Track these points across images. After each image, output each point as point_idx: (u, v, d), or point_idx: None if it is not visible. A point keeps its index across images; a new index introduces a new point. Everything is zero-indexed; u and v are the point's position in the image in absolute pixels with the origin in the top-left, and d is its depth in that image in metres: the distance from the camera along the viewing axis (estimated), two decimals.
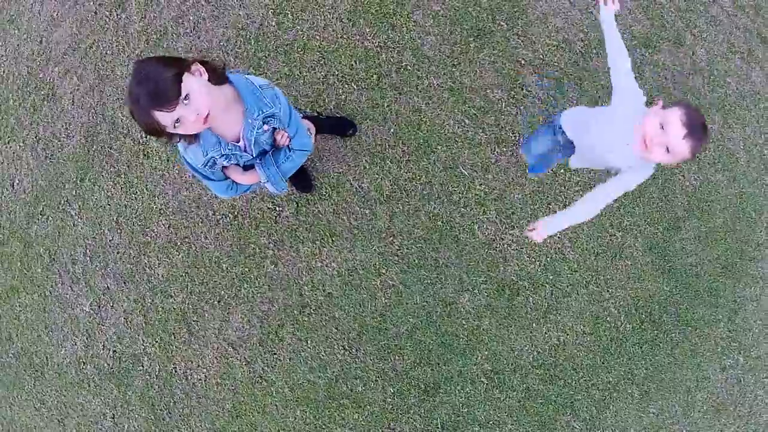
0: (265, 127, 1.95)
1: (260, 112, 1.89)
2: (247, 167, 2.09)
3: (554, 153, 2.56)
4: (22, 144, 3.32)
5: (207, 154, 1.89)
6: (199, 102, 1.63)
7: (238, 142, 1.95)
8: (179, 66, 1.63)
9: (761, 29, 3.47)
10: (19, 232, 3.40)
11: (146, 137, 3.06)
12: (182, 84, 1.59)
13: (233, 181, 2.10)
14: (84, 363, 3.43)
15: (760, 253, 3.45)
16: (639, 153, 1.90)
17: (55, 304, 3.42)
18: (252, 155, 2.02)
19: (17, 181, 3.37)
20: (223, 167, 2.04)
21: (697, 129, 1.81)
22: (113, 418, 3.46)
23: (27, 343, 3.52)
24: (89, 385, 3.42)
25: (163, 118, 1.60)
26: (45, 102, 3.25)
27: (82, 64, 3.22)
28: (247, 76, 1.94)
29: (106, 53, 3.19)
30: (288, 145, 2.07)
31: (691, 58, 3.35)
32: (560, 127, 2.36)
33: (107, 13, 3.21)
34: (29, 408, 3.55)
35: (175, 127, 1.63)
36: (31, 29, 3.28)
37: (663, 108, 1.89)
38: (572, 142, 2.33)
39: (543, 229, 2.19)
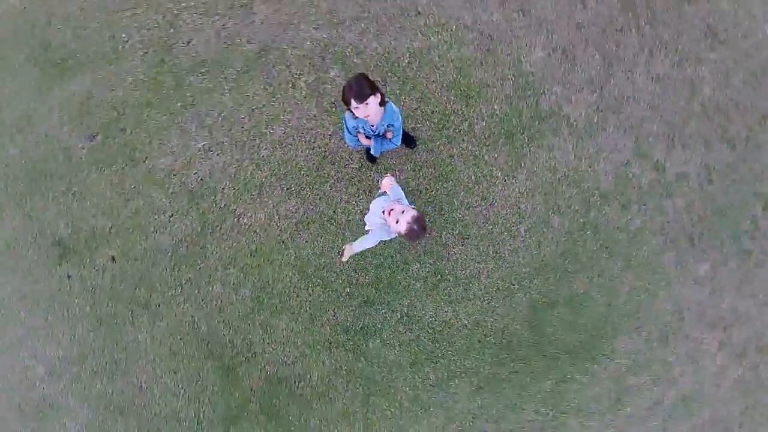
0: (387, 127, 4.02)
1: (388, 122, 3.95)
2: (367, 138, 4.10)
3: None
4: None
5: (358, 124, 3.92)
6: (369, 108, 3.60)
7: (373, 126, 3.99)
8: (372, 88, 3.65)
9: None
10: (180, 76, 5.02)
11: (338, 101, 4.89)
12: (368, 98, 3.60)
13: (356, 139, 4.09)
14: (174, 174, 5.01)
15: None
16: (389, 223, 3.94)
17: (176, 129, 5.01)
18: (374, 134, 4.05)
19: (193, 42, 5.04)
20: (357, 132, 4.04)
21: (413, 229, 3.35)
22: (170, 216, 5.03)
23: (136, 140, 5.01)
24: (167, 189, 4.97)
25: (353, 103, 3.56)
26: None
27: None
28: (393, 104, 4.04)
29: None
30: (390, 138, 4.13)
31: None
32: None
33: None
34: (108, 187, 4.97)
35: (355, 108, 3.62)
36: None
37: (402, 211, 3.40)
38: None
39: (348, 251, 3.72)
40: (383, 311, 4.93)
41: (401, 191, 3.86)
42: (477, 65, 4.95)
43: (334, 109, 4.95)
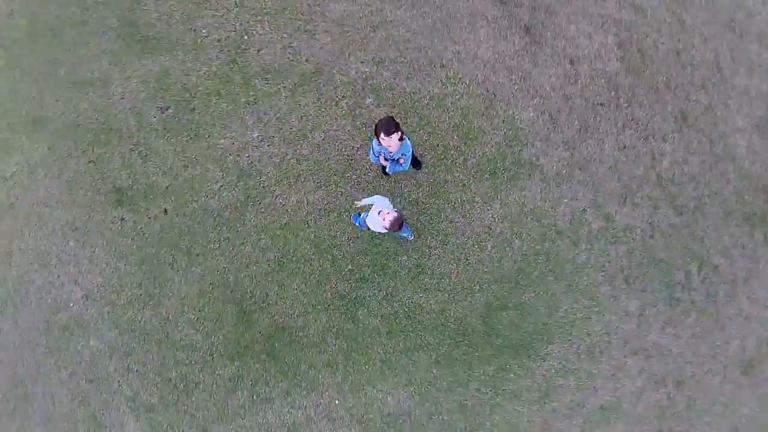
0: (401, 155, 5.48)
1: (402, 152, 5.43)
2: (385, 159, 5.53)
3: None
4: None
5: (381, 149, 5.34)
6: (391, 141, 4.98)
7: (391, 152, 5.43)
8: (396, 128, 5.03)
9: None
10: (247, 77, 6.27)
11: (369, 124, 6.35)
12: (393, 134, 5.00)
13: (377, 159, 5.50)
14: (229, 154, 6.23)
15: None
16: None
17: (238, 118, 6.21)
18: (391, 158, 5.49)
19: (262, 51, 6.30)
20: (379, 154, 5.47)
21: (394, 224, 4.79)
22: (220, 186, 6.23)
23: (201, 120, 6.20)
24: (222, 165, 6.15)
25: (381, 135, 4.94)
26: None
27: None
28: (408, 140, 5.51)
29: None
30: (401, 163, 5.57)
31: None
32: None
33: None
34: (171, 153, 6.11)
35: (382, 139, 5.04)
36: None
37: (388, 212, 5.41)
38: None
39: (359, 203, 5.65)
40: (373, 288, 6.35)
41: (388, 201, 5.30)
42: (479, 115, 6.48)
43: (364, 128, 6.34)
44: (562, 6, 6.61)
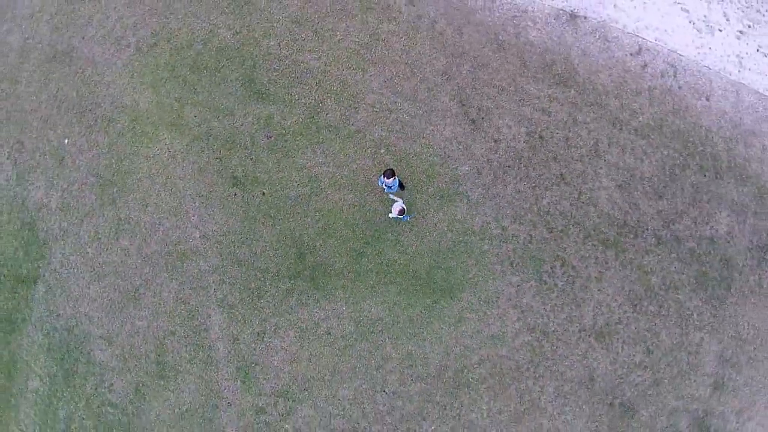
0: (395, 186, 10.63)
1: (395, 185, 10.52)
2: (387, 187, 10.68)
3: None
4: None
5: (383, 182, 10.45)
6: (390, 182, 10.13)
7: (389, 184, 10.52)
8: (393, 175, 10.09)
9: None
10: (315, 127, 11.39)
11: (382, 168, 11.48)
12: (391, 178, 10.06)
13: (382, 184, 10.63)
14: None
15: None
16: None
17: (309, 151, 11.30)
18: (388, 187, 10.63)
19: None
20: (383, 183, 10.59)
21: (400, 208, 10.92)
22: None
23: (292, 147, 11.20)
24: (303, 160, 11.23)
25: (386, 176, 10.04)
26: None
27: None
28: (398, 179, 10.71)
29: None
30: (392, 189, 10.73)
31: None
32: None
33: None
34: (274, 165, 11.09)
35: (386, 177, 10.16)
36: None
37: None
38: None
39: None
40: (390, 238, 11.41)
41: (401, 200, 10.51)
42: (438, 164, 11.82)
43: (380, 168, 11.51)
44: (498, 109, 12.16)
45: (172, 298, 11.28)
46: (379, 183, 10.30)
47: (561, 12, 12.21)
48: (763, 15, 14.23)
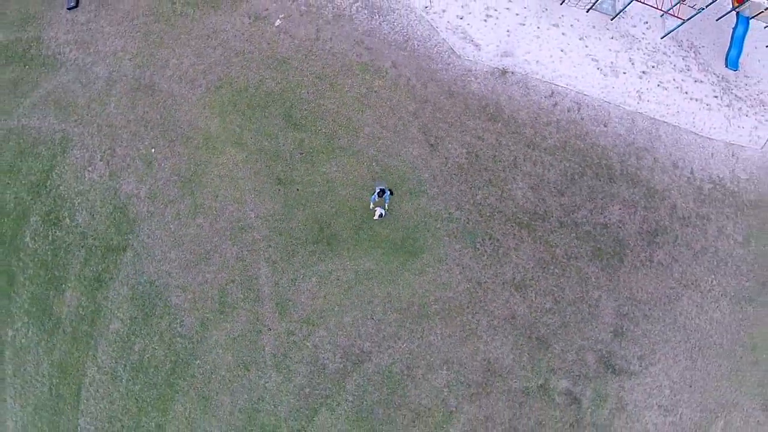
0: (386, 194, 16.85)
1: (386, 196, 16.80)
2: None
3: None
4: None
5: (378, 189, 16.63)
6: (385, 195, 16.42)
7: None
8: (384, 192, 16.41)
9: None
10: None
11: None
12: (384, 193, 16.30)
13: (373, 200, 16.79)
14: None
15: None
16: None
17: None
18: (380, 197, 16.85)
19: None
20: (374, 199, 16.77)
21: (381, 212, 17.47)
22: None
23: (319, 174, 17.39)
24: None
25: (377, 195, 16.35)
26: None
27: None
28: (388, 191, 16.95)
29: None
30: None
31: None
32: None
33: None
34: (308, 179, 17.26)
35: (379, 195, 16.35)
36: None
37: None
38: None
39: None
40: (378, 220, 17.68)
41: (381, 208, 16.79)
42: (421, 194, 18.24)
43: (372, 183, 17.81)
44: (448, 137, 18.54)
45: (233, 257, 17.14)
46: (372, 200, 16.44)
47: (495, 69, 18.57)
48: (669, 56, 18.94)
